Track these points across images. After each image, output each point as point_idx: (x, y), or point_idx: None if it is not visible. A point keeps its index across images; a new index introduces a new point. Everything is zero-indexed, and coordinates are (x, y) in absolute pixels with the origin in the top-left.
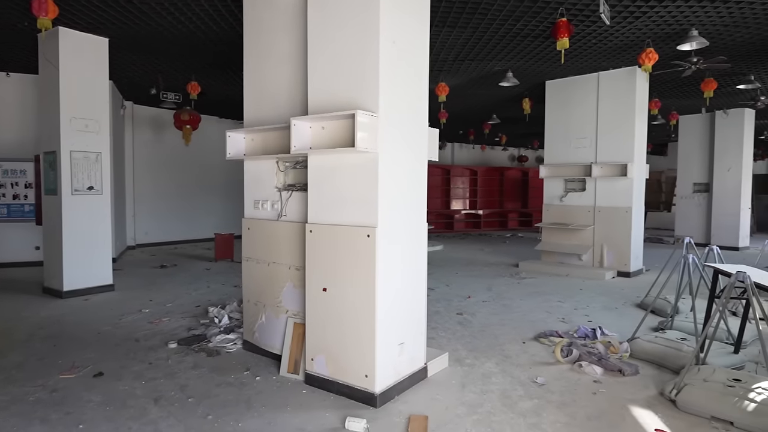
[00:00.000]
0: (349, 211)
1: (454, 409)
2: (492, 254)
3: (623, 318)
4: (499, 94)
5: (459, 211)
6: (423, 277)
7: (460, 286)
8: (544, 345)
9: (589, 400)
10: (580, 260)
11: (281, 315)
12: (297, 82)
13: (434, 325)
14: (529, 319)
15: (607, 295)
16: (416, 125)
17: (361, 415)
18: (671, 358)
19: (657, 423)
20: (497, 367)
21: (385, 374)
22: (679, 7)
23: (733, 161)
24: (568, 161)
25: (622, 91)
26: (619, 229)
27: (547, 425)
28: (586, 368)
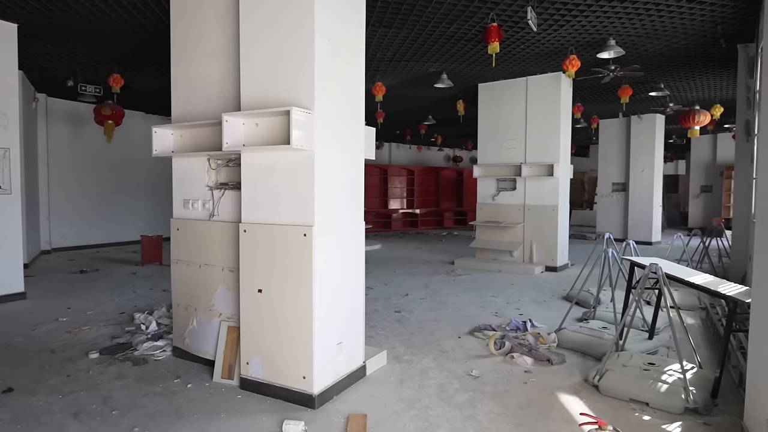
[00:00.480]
0: (284, 210)
1: (393, 406)
2: (429, 252)
3: (551, 310)
4: (435, 95)
5: (397, 211)
6: (361, 276)
7: (398, 284)
8: (478, 339)
9: (521, 389)
10: (511, 256)
11: (214, 319)
12: (229, 76)
13: (373, 324)
14: (464, 314)
15: (537, 289)
16: (353, 123)
17: (299, 418)
18: (594, 347)
19: (582, 408)
20: (434, 362)
21: (324, 374)
22: (599, 17)
23: (646, 162)
24: (499, 162)
25: (548, 95)
26: (546, 226)
27: (482, 416)
28: (517, 359)
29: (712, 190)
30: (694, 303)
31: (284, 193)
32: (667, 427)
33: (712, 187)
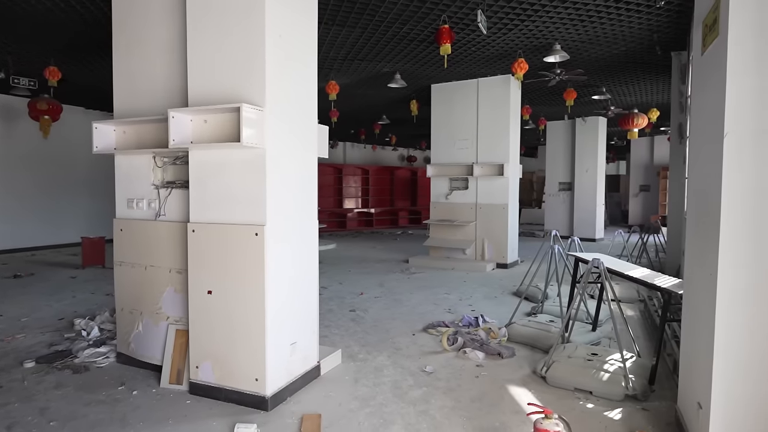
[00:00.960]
0: (235, 209)
1: (347, 404)
2: (384, 251)
3: (502, 305)
4: (389, 95)
5: (351, 210)
6: (314, 276)
7: (353, 283)
8: (432, 335)
9: (473, 383)
10: (464, 254)
11: (161, 322)
12: (176, 70)
13: (327, 323)
14: (418, 311)
15: (488, 286)
16: (305, 121)
17: (251, 420)
18: (542, 340)
19: (531, 398)
20: (389, 359)
21: (277, 376)
22: (545, 22)
23: (590, 163)
24: (452, 161)
25: (498, 97)
26: (497, 225)
27: (435, 411)
28: (469, 354)
29: (650, 189)
30: (633, 296)
31: (235, 191)
32: (609, 413)
33: (650, 186)
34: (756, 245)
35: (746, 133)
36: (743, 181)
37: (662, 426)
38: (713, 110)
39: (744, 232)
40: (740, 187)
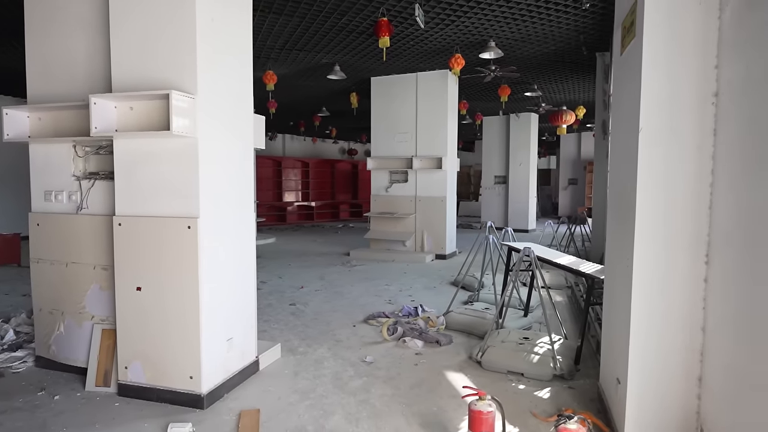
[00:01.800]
0: (166, 202)
1: (287, 398)
2: (324, 245)
3: (440, 295)
4: (328, 86)
5: (292, 203)
6: (251, 270)
7: (293, 277)
8: (372, 326)
9: (412, 371)
10: (404, 246)
11: (85, 322)
12: (98, 52)
13: (266, 318)
14: (359, 303)
15: (427, 276)
16: (240, 111)
17: (186, 420)
18: (477, 326)
19: (466, 382)
20: (329, 351)
21: (213, 373)
22: (480, 19)
23: (523, 157)
24: (392, 154)
25: (436, 91)
26: (436, 217)
27: (375, 399)
28: (409, 343)
29: (577, 182)
30: (561, 282)
31: (165, 183)
32: (538, 393)
33: (578, 180)
34: (666, 235)
35: (659, 129)
36: (655, 175)
37: (586, 402)
38: (630, 107)
39: (656, 223)
40: (653, 180)
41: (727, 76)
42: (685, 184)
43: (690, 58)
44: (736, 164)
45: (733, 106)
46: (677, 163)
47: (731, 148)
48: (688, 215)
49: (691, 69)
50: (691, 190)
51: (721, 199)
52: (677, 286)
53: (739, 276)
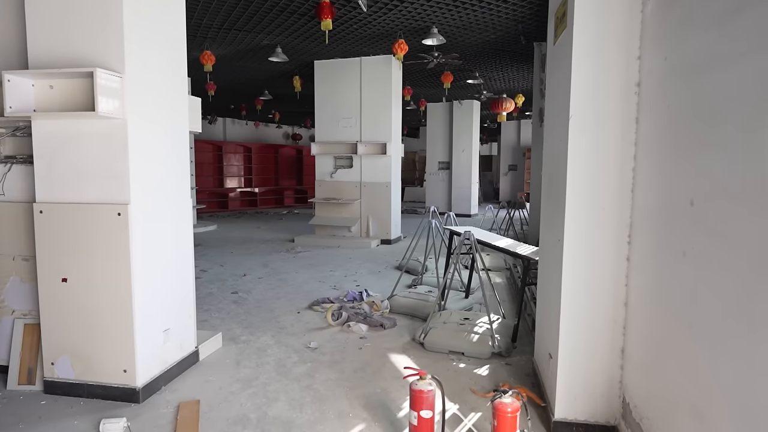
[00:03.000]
0: (92, 188)
1: (229, 387)
2: (268, 231)
3: (385, 279)
4: (270, 69)
5: (234, 190)
6: (189, 258)
7: (236, 264)
8: (317, 312)
9: (356, 355)
10: (349, 232)
11: (5, 318)
12: (11, 24)
13: (207, 307)
14: (304, 290)
15: (373, 261)
16: (174, 91)
17: (120, 414)
18: (420, 309)
19: (410, 364)
20: (273, 339)
21: (149, 365)
22: (422, 5)
23: (466, 143)
24: (336, 139)
25: (380, 76)
26: (381, 202)
27: (319, 384)
28: (353, 327)
29: (517, 168)
30: (501, 265)
31: (91, 168)
32: (478, 370)
33: (518, 166)
34: (594, 216)
35: (587, 116)
36: (584, 160)
37: (522, 377)
38: (562, 95)
39: (584, 205)
40: (581, 165)
41: (648, 67)
42: (611, 169)
43: (615, 49)
44: (655, 150)
45: (653, 95)
46: (603, 149)
47: (651, 134)
48: (613, 198)
49: (617, 59)
50: (616, 174)
51: (642, 183)
52: (603, 265)
53: (656, 254)
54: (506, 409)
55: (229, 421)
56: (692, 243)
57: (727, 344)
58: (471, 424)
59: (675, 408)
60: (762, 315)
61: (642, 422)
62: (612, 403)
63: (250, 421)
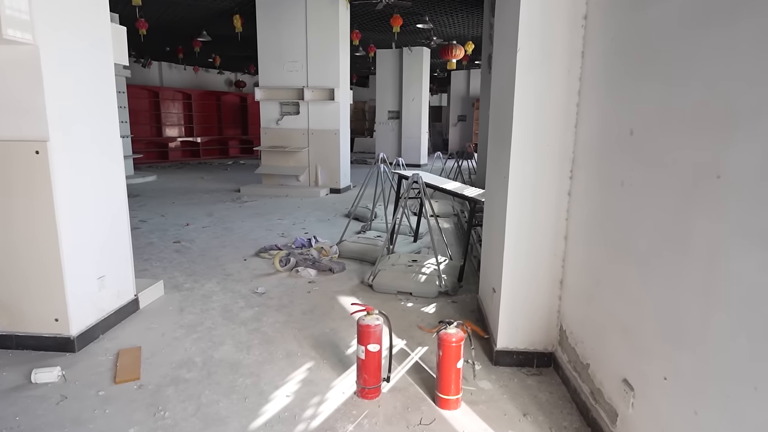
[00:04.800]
0: (5, 123)
1: (172, 333)
2: (213, 182)
3: (334, 227)
4: (208, 6)
5: (174, 139)
6: (121, 202)
7: (178, 214)
8: (264, 259)
9: (305, 298)
10: (297, 181)
11: None
12: None
13: (147, 257)
14: (250, 238)
15: (322, 210)
16: (94, 15)
17: (54, 364)
18: (369, 253)
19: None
20: (218, 285)
21: (83, 313)
22: None
23: (415, 93)
24: (282, 84)
25: (327, 18)
26: (329, 150)
27: (267, 327)
28: (302, 272)
29: (466, 119)
30: (449, 211)
31: (2, 101)
32: (425, 309)
33: (467, 116)
34: (538, 152)
35: (534, 52)
36: (530, 95)
37: (467, 313)
38: (510, 31)
39: (529, 141)
40: (527, 100)
41: None
42: (556, 103)
43: None
44: (599, 83)
45: (598, 27)
46: (549, 85)
47: (596, 67)
48: (558, 134)
49: None
50: (561, 109)
51: (585, 117)
52: (546, 199)
53: (595, 187)
54: (451, 339)
55: (173, 365)
56: (630, 172)
57: (657, 266)
58: (418, 357)
59: (606, 329)
60: (692, 238)
61: (577, 346)
62: (550, 331)
63: (196, 364)
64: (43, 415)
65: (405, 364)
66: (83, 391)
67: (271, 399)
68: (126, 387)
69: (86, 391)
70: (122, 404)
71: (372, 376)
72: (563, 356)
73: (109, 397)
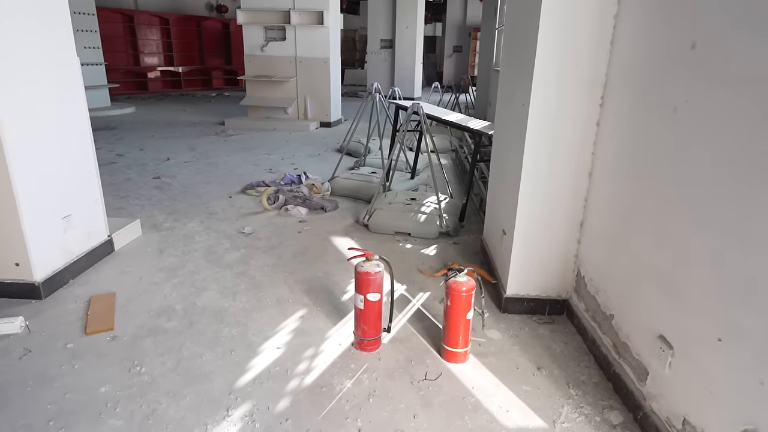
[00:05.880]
0: None
1: (150, 278)
2: (195, 114)
3: (325, 162)
4: None
5: (153, 68)
6: (86, 131)
7: (158, 148)
8: (251, 196)
9: (295, 239)
10: (286, 113)
11: None
12: None
13: (124, 194)
14: (236, 174)
15: (312, 144)
16: None
17: (18, 313)
18: (364, 190)
19: (352, 245)
20: (201, 225)
21: (48, 257)
22: None
23: (410, 20)
24: (266, 6)
25: None
26: (319, 80)
27: (255, 271)
28: (292, 211)
29: (462, 50)
30: (447, 146)
31: None
32: (425, 250)
33: (462, 47)
34: (564, 76)
35: None
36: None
37: (470, 255)
38: None
39: (555, 63)
40: (556, 17)
41: None
42: (588, 15)
43: None
44: None
45: None
46: None
47: None
48: (589, 53)
49: None
50: (594, 23)
51: (625, 32)
52: (570, 131)
53: (634, 115)
54: (461, 288)
55: (151, 314)
56: (688, 95)
57: (719, 210)
58: (419, 304)
59: (637, 278)
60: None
61: (598, 295)
62: (566, 277)
63: (176, 312)
64: (3, 371)
65: (406, 312)
66: (49, 344)
67: (260, 351)
68: (98, 339)
69: (53, 343)
70: (93, 358)
71: (371, 327)
72: (579, 304)
73: (79, 351)
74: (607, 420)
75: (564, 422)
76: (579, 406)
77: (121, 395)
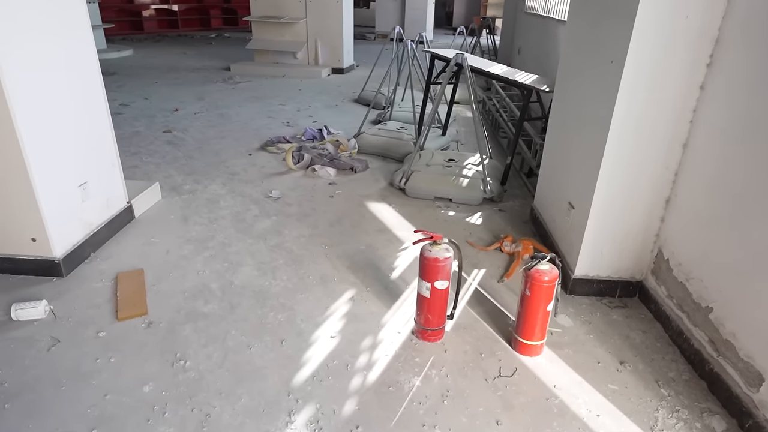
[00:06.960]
0: None
1: (179, 250)
2: (197, 58)
3: (345, 114)
4: None
5: (147, 6)
6: (98, 89)
7: (163, 97)
8: (273, 154)
9: (328, 204)
10: (295, 58)
11: None
12: None
13: (136, 150)
14: (252, 127)
15: (326, 93)
16: None
17: (40, 295)
18: (394, 148)
19: (392, 213)
20: (224, 188)
21: (67, 230)
22: None
23: None
24: None
25: None
26: (331, 22)
27: (291, 242)
28: (319, 171)
29: None
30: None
31: None
32: (470, 218)
33: None
34: (668, 28)
35: None
36: None
37: (519, 225)
38: None
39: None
40: None
41: None
42: None
43: None
44: None
45: None
46: None
47: None
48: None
49: None
50: None
51: None
52: (668, 94)
53: (755, 76)
54: (543, 278)
55: (186, 295)
56: None
57: None
58: (476, 284)
59: (758, 273)
60: None
61: (689, 283)
62: (642, 257)
63: (213, 293)
64: (32, 366)
65: (464, 293)
66: (79, 332)
67: (313, 342)
68: (131, 325)
69: (83, 331)
70: (130, 350)
71: (437, 317)
72: (658, 288)
73: (112, 340)
74: (708, 426)
75: (662, 429)
76: (674, 409)
77: (168, 396)
